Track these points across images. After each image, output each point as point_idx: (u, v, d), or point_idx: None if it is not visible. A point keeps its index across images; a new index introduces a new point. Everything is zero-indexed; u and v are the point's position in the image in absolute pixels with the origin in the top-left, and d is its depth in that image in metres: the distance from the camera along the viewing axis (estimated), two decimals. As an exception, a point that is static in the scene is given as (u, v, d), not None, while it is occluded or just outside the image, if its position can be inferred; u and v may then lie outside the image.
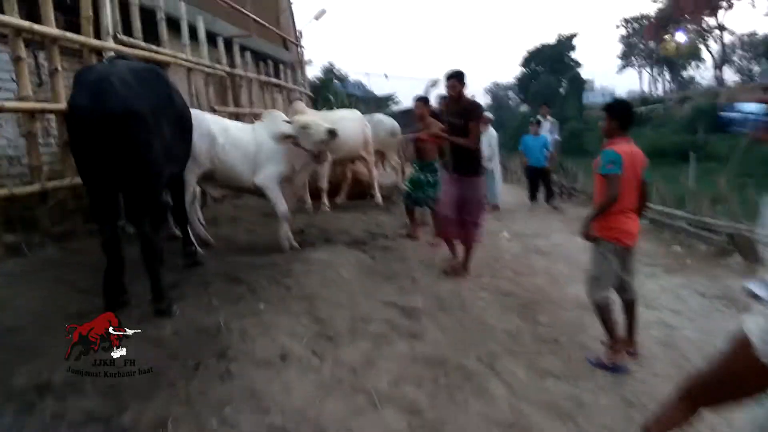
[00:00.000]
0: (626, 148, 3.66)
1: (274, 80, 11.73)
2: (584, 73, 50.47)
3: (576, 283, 5.62)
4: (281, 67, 13.00)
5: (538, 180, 10.08)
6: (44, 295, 3.64)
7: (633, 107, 4.06)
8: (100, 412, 2.42)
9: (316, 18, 14.85)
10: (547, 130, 10.38)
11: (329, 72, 30.53)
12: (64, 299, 3.61)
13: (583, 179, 11.26)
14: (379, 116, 9.37)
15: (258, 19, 10.91)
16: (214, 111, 7.56)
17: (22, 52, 4.42)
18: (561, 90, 46.56)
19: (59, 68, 4.82)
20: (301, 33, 15.95)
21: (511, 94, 66.51)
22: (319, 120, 5.19)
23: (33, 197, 4.48)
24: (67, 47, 5.51)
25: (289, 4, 16.77)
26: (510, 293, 4.99)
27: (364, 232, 6.36)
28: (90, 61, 5.31)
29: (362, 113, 8.76)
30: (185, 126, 4.23)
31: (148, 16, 7.06)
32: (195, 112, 5.29)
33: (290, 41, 14.95)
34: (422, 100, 6.55)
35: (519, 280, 5.48)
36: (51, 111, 4.89)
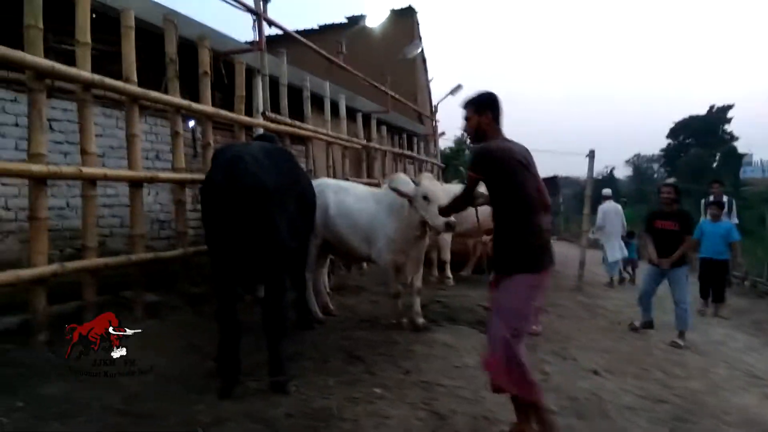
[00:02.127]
0: None
1: (407, 152, 11.98)
2: (741, 146, 46.15)
3: (741, 392, 4.78)
4: (415, 139, 13.30)
5: (714, 276, 8.00)
6: (172, 360, 3.75)
7: None
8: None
9: (452, 93, 15.11)
10: (723, 214, 8.26)
11: (461, 143, 30.85)
12: (189, 368, 3.69)
13: (747, 266, 9.86)
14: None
15: (396, 95, 11.30)
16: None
17: (180, 127, 4.84)
18: (713, 165, 42.85)
19: (211, 142, 5.20)
20: (436, 107, 16.31)
21: (655, 166, 62.62)
22: (443, 198, 4.51)
23: (176, 261, 4.75)
24: (221, 122, 6.00)
25: (427, 81, 17.34)
26: (660, 399, 4.30)
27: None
28: (240, 135, 5.70)
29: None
30: (308, 203, 4.43)
31: (296, 94, 7.57)
32: (316, 181, 5.38)
33: (425, 116, 15.33)
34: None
35: (671, 384, 4.73)
36: (200, 181, 5.24)
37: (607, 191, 10.69)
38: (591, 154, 8.66)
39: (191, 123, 6.66)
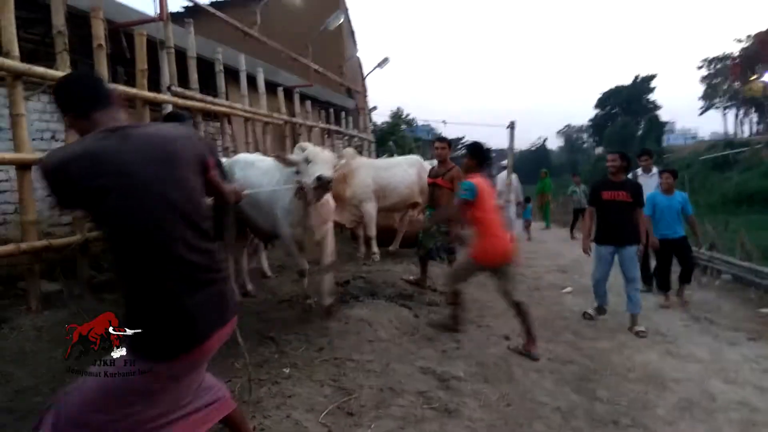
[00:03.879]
0: (480, 180, 4.44)
1: (334, 127, 11.81)
2: (664, 114, 48.57)
3: (645, 349, 5.03)
4: (343, 114, 13.14)
5: (678, 257, 6.58)
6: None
7: (488, 150, 4.81)
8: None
9: (380, 66, 14.99)
10: (655, 186, 6.98)
11: (398, 116, 30.85)
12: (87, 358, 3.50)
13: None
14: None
15: (318, 68, 11.07)
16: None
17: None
18: (638, 133, 44.88)
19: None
20: (364, 81, 16.16)
21: (585, 136, 64.92)
22: (328, 160, 4.23)
23: (74, 247, 4.50)
24: (125, 99, 5.69)
25: (355, 52, 17.11)
26: (568, 361, 4.47)
27: (412, 285, 6.03)
28: (143, 112, 5.41)
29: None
30: None
31: (209, 68, 7.26)
32: (228, 159, 5.22)
33: (355, 90, 15.15)
34: (443, 141, 5.96)
35: (580, 345, 4.93)
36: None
37: (503, 162, 11.66)
38: (511, 125, 8.80)
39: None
